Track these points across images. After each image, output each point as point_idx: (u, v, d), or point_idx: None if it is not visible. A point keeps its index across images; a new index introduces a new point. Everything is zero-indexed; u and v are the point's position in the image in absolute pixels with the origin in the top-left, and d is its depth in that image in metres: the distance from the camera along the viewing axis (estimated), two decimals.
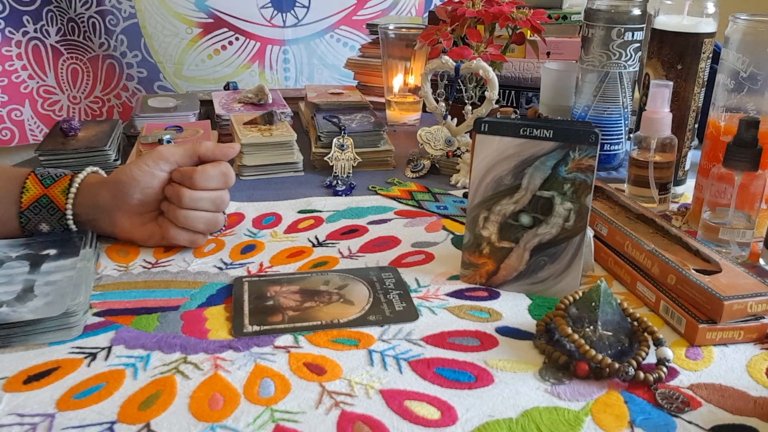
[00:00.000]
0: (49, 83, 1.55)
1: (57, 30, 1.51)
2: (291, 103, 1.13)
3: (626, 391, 0.49)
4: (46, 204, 0.66)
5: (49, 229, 0.67)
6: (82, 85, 1.58)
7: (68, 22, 1.51)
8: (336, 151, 0.92)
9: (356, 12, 1.72)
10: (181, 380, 0.49)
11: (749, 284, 0.56)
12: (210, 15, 1.61)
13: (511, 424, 0.45)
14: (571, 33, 1.11)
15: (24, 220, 0.66)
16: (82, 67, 1.57)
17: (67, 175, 0.68)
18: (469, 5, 0.97)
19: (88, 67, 1.57)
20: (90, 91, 1.59)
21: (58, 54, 1.54)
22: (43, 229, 0.67)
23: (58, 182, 0.67)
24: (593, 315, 0.52)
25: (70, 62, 1.55)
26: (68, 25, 1.51)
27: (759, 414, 0.47)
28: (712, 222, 0.69)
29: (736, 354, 0.54)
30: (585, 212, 0.59)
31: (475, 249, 0.63)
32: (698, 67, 0.81)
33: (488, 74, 0.87)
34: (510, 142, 0.60)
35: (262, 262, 0.67)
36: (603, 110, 0.91)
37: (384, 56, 1.12)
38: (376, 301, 0.60)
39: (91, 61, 1.58)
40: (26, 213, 0.66)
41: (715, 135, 0.74)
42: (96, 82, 1.59)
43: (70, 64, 1.56)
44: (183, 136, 0.91)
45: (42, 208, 0.66)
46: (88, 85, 1.59)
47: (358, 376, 0.50)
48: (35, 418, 0.45)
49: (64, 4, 1.50)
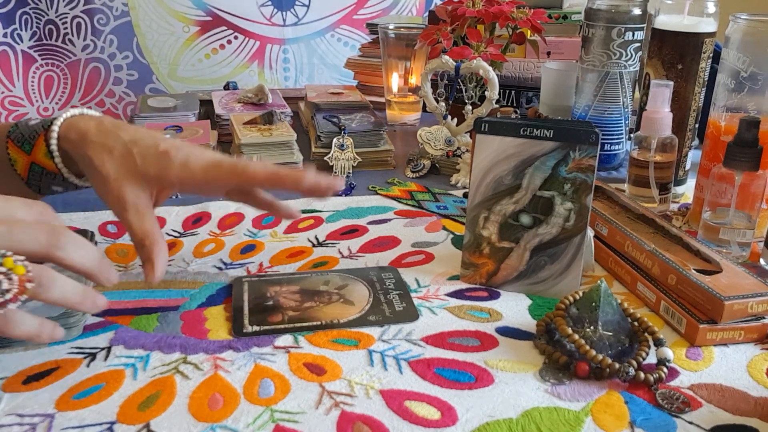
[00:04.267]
0: (16, 94, 1.47)
1: (31, 35, 1.44)
2: (291, 103, 1.13)
3: (626, 392, 0.49)
4: (40, 171, 0.59)
5: (62, 189, 0.61)
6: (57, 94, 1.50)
7: (45, 25, 1.45)
8: (336, 151, 0.92)
9: (357, 11, 1.72)
10: (180, 380, 0.49)
11: (750, 284, 0.56)
12: (208, 13, 1.60)
13: (511, 424, 0.45)
14: (572, 33, 1.11)
15: (35, 188, 0.60)
16: (59, 74, 1.49)
17: (40, 134, 0.58)
18: (470, 5, 0.97)
19: (66, 74, 1.50)
20: (67, 100, 1.51)
21: (30, 61, 1.47)
22: (57, 190, 0.61)
23: (36, 146, 0.58)
24: (593, 315, 0.52)
25: (44, 69, 1.48)
26: (45, 29, 1.45)
27: (759, 414, 0.47)
28: (712, 222, 0.69)
29: (737, 354, 0.54)
30: (585, 212, 0.59)
31: (475, 249, 0.63)
32: (699, 66, 0.81)
33: (488, 74, 0.87)
34: (510, 142, 0.60)
35: (262, 262, 0.67)
36: (603, 110, 0.91)
37: (384, 56, 1.12)
38: (376, 301, 0.59)
39: (71, 67, 1.51)
40: (31, 182, 0.60)
41: (716, 135, 0.74)
42: (75, 89, 1.51)
43: (45, 72, 1.48)
44: (183, 136, 0.91)
45: (39, 175, 0.59)
46: (65, 94, 1.51)
47: (358, 376, 0.50)
48: (35, 418, 0.45)
49: (44, 5, 1.44)
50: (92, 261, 0.46)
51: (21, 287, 0.41)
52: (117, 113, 1.55)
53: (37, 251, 0.43)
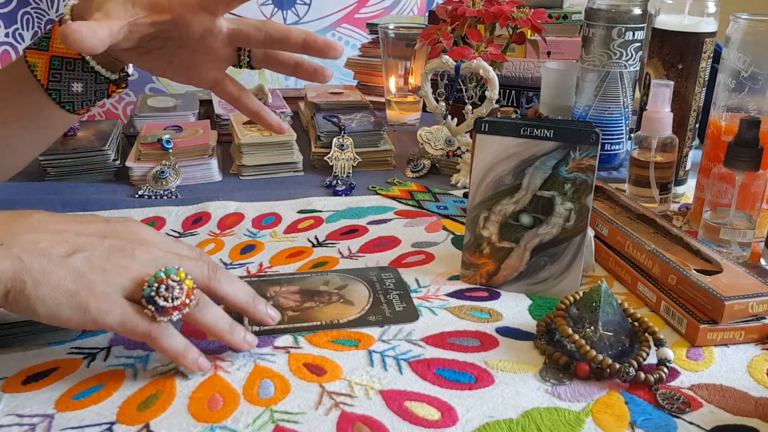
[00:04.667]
0: None
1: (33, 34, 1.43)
2: (291, 102, 1.13)
3: (627, 392, 0.49)
4: (60, 64, 0.62)
5: (82, 87, 0.63)
6: None
7: (46, 25, 1.44)
8: (336, 151, 0.92)
9: (358, 10, 1.72)
10: (180, 381, 0.49)
11: (750, 284, 0.56)
12: None
13: (511, 424, 0.45)
14: (572, 32, 1.11)
15: (55, 94, 0.62)
16: None
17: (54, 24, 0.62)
18: (470, 4, 0.97)
19: None
20: None
21: None
22: (76, 89, 0.63)
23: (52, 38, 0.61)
24: (594, 315, 0.52)
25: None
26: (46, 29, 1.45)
27: (760, 414, 0.47)
28: (713, 222, 0.69)
29: (737, 354, 0.54)
30: (586, 212, 0.59)
31: (475, 249, 0.63)
32: (699, 66, 0.81)
33: (488, 74, 0.87)
34: (510, 141, 0.60)
35: (262, 263, 0.67)
36: (604, 110, 0.91)
37: (384, 56, 1.11)
38: (376, 301, 0.59)
39: None
40: (51, 86, 0.62)
41: (716, 135, 0.74)
42: None
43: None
44: (182, 135, 0.91)
45: (60, 72, 0.62)
46: None
47: (358, 376, 0.50)
48: (34, 418, 0.45)
49: (45, 5, 1.43)
50: (245, 296, 0.52)
51: (187, 299, 0.46)
52: (117, 113, 1.55)
53: (200, 280, 0.49)
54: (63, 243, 0.46)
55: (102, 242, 0.47)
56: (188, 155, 0.88)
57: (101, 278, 0.45)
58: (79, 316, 0.45)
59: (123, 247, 0.47)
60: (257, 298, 0.53)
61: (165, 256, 0.48)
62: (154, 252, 0.48)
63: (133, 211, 0.78)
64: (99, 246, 0.46)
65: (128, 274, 0.46)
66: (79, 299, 0.44)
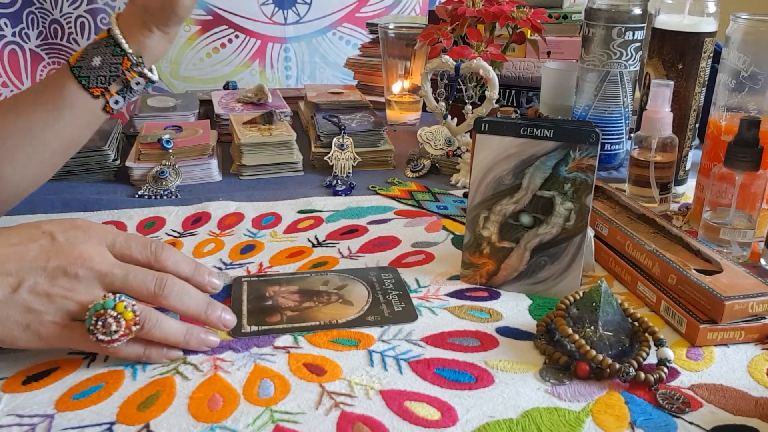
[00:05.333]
0: None
1: (38, 33, 1.45)
2: (291, 102, 1.13)
3: (627, 392, 0.49)
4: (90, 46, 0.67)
5: (100, 60, 0.66)
6: None
7: (51, 24, 1.46)
8: (336, 151, 0.92)
9: (359, 9, 1.72)
10: (180, 381, 0.49)
11: (750, 284, 0.56)
12: (209, 12, 1.60)
13: (511, 424, 0.45)
14: (572, 32, 1.11)
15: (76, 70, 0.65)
16: None
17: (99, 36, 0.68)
18: (470, 4, 0.97)
19: None
20: None
21: (38, 59, 1.48)
22: (95, 63, 0.66)
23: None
24: (594, 315, 0.52)
25: (51, 68, 1.49)
26: (50, 28, 1.46)
27: (760, 414, 0.47)
28: (713, 222, 0.69)
29: (737, 354, 0.54)
30: (586, 212, 0.59)
31: (475, 249, 0.63)
32: (699, 66, 0.81)
33: (488, 74, 0.87)
34: (510, 141, 0.60)
35: (262, 262, 0.67)
36: (603, 110, 0.91)
37: (384, 56, 1.11)
38: (375, 301, 0.59)
39: None
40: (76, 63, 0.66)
41: (716, 134, 0.74)
42: None
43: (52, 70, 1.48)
44: (182, 135, 0.91)
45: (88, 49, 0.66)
46: None
47: (358, 376, 0.50)
48: (34, 418, 0.45)
49: (48, 5, 1.45)
50: (196, 307, 0.52)
51: (127, 329, 0.48)
52: (119, 111, 1.56)
53: (146, 297, 0.50)
54: (6, 277, 0.47)
55: (45, 265, 0.47)
56: (188, 155, 0.88)
57: (47, 307, 0.47)
58: (36, 343, 0.48)
59: (65, 269, 0.47)
60: (211, 305, 0.53)
61: (109, 273, 0.48)
62: (98, 268, 0.48)
63: (133, 211, 0.78)
64: (42, 272, 0.47)
65: (74, 297, 0.47)
66: (31, 331, 0.47)
